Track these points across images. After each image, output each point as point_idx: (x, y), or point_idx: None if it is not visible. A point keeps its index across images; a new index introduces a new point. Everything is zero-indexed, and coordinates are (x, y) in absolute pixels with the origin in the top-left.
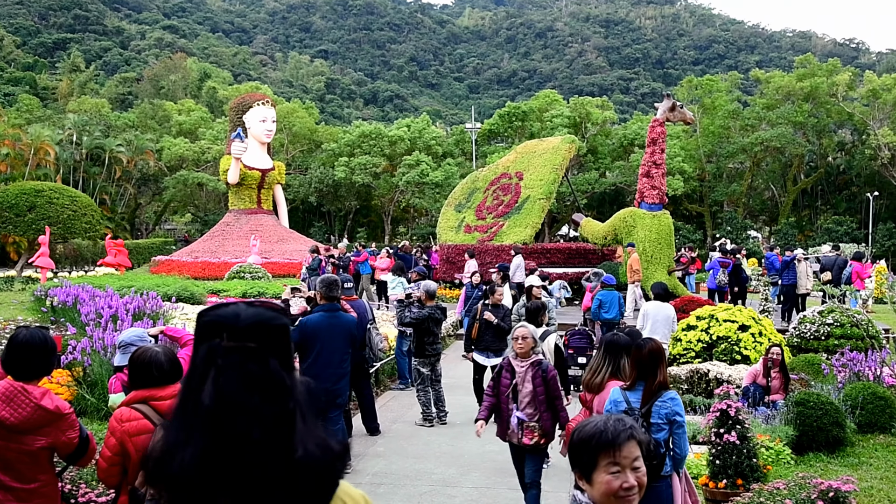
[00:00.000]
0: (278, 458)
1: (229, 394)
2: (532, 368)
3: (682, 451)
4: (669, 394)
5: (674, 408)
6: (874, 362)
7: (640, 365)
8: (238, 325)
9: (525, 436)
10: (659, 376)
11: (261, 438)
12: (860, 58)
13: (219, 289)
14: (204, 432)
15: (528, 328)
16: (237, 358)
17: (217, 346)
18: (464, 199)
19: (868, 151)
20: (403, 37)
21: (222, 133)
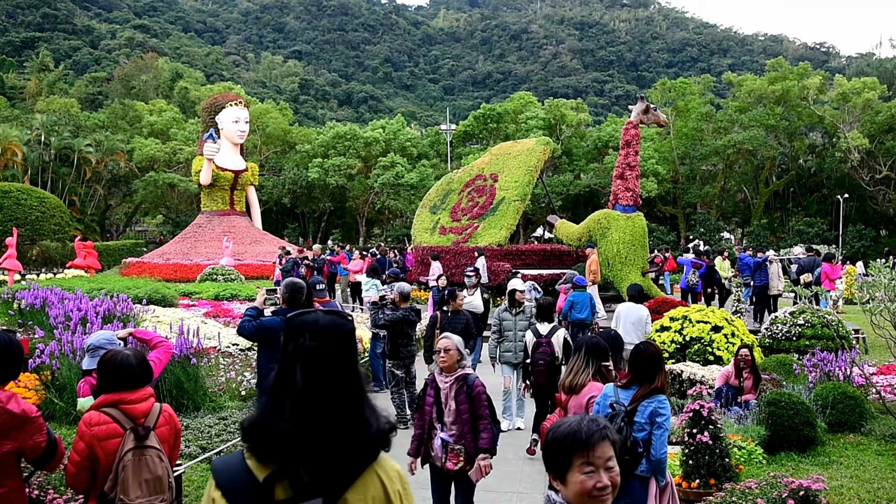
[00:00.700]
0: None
1: (315, 381)
2: (457, 383)
3: (655, 452)
4: (661, 398)
5: (658, 408)
6: (844, 362)
7: (639, 368)
8: (318, 329)
9: (449, 459)
10: (657, 381)
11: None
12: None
13: (191, 291)
14: (296, 410)
15: (451, 339)
16: (318, 355)
17: (302, 344)
18: (438, 201)
19: (838, 154)
20: (378, 38)
21: (194, 134)
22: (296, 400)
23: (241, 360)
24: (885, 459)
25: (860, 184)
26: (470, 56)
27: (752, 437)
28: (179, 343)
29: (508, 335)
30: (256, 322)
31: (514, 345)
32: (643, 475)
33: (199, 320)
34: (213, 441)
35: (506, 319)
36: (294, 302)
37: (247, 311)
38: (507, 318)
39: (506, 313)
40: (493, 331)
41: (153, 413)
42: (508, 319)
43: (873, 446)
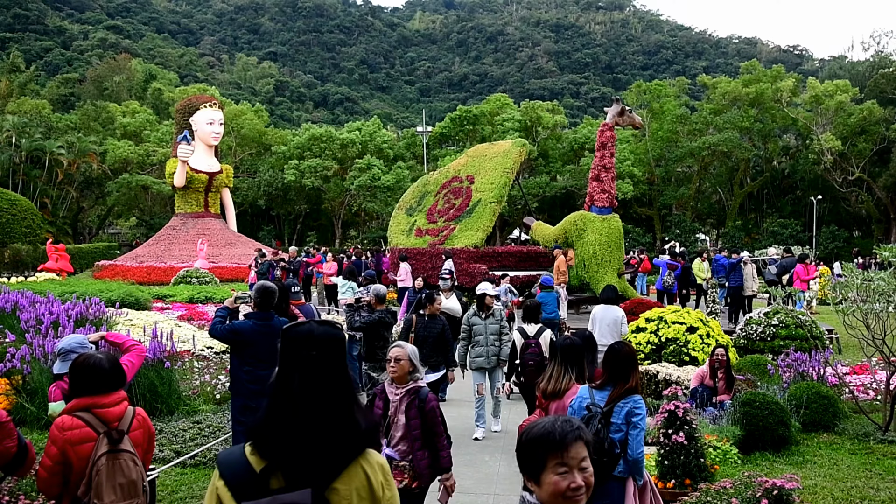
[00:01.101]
0: (343, 430)
1: (310, 386)
2: (408, 397)
3: (632, 453)
4: (635, 398)
5: (634, 409)
6: (818, 362)
7: (613, 367)
8: (313, 339)
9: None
10: (631, 381)
11: (332, 416)
12: (804, 64)
13: (165, 294)
14: (293, 412)
15: (405, 348)
16: (313, 362)
17: (298, 353)
18: (415, 203)
19: (811, 156)
20: (354, 39)
21: (168, 135)
22: (293, 403)
23: (215, 363)
24: (858, 458)
25: (833, 185)
26: (446, 58)
27: (728, 438)
28: (153, 346)
29: (479, 339)
30: (228, 325)
31: (485, 349)
32: (621, 476)
33: (172, 323)
34: (188, 445)
35: (476, 324)
36: (266, 305)
37: (217, 312)
38: (478, 323)
39: (475, 318)
40: (463, 335)
41: (126, 417)
42: (478, 324)
43: (846, 445)
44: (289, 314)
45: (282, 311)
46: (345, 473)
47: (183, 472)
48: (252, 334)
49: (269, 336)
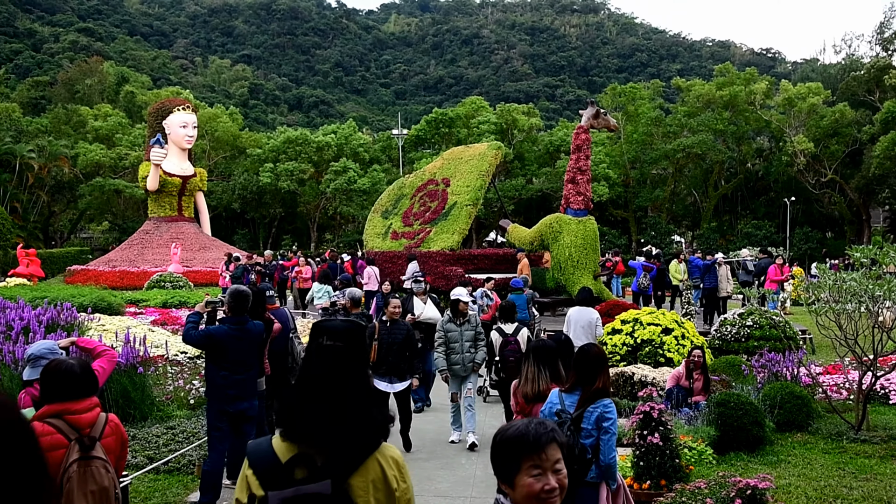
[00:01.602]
0: (359, 420)
1: (329, 371)
2: None
3: (604, 458)
4: (605, 401)
5: (605, 413)
6: (791, 362)
7: (581, 369)
8: (335, 330)
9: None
10: (598, 382)
11: (350, 404)
12: (777, 67)
13: (138, 298)
14: (317, 396)
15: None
16: (334, 352)
17: (320, 343)
18: (390, 206)
19: (785, 158)
20: (328, 42)
21: (140, 139)
22: (316, 386)
23: (189, 368)
24: (832, 457)
25: (806, 187)
26: (421, 61)
27: (703, 438)
28: (125, 352)
29: (455, 347)
30: (203, 330)
31: (461, 357)
32: (593, 481)
33: (146, 328)
34: (161, 451)
35: (451, 330)
36: (240, 309)
37: (189, 318)
38: (453, 329)
39: (450, 324)
40: (439, 343)
41: (99, 423)
42: (454, 330)
43: (820, 445)
44: (264, 319)
45: (257, 315)
46: (362, 466)
47: (156, 479)
48: (227, 339)
49: (244, 340)
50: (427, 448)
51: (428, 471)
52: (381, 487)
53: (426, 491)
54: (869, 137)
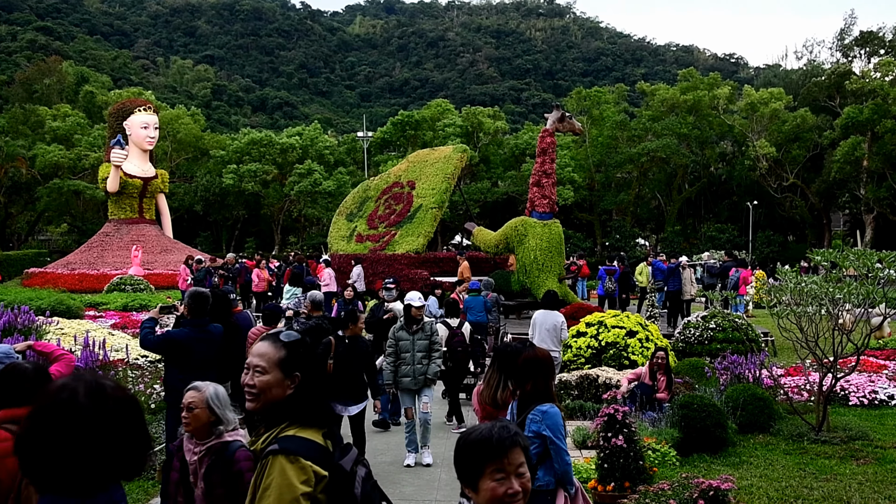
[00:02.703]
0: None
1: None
2: (209, 456)
3: (558, 466)
4: (541, 407)
5: (542, 426)
6: (754, 365)
7: (516, 374)
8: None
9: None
10: (528, 385)
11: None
12: (740, 72)
13: (97, 302)
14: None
15: (202, 391)
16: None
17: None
18: (355, 209)
19: (747, 162)
20: (293, 43)
21: (101, 139)
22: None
23: (150, 372)
24: (793, 458)
25: (768, 191)
26: (387, 63)
27: (666, 440)
28: (84, 356)
29: (406, 357)
30: (162, 334)
31: (411, 368)
32: (545, 488)
33: (105, 332)
34: None
35: (402, 339)
36: (200, 312)
37: (144, 323)
38: (404, 338)
39: (402, 332)
40: (389, 352)
41: None
42: (405, 339)
43: (781, 446)
44: (230, 322)
45: (221, 318)
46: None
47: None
48: (188, 341)
49: (204, 343)
50: (392, 451)
51: (392, 474)
52: None
53: (391, 495)
54: (829, 142)
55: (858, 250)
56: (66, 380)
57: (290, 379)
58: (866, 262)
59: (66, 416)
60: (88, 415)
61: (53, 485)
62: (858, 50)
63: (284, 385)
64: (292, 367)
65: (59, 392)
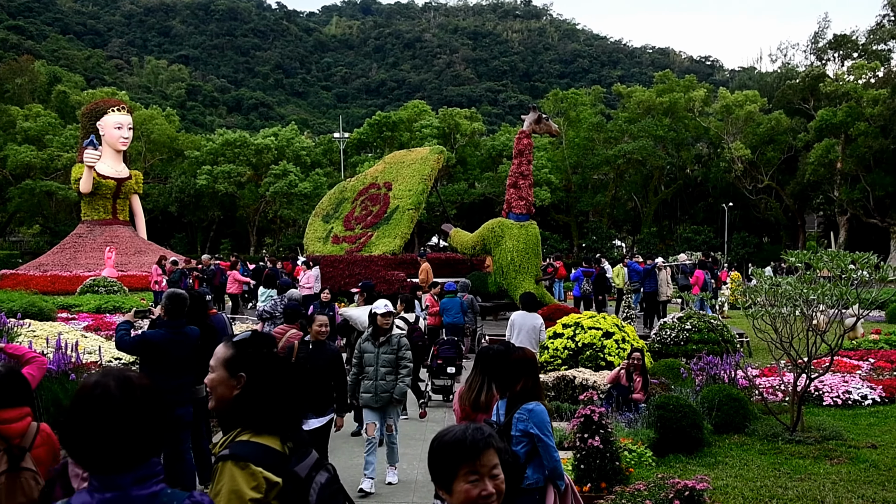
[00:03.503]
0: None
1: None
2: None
3: (547, 463)
4: (528, 406)
5: (529, 424)
6: (729, 365)
7: (502, 374)
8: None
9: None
10: (518, 385)
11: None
12: (715, 75)
13: (70, 304)
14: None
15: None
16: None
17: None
18: (332, 210)
19: (723, 164)
20: (269, 44)
21: (73, 140)
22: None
23: None
24: (768, 458)
25: (744, 193)
26: (363, 64)
27: (642, 440)
28: (57, 358)
29: (369, 371)
30: (138, 335)
31: (373, 384)
32: (534, 486)
33: (78, 334)
34: None
35: (367, 351)
36: (177, 313)
37: (120, 326)
38: (369, 350)
39: (367, 343)
40: (354, 363)
41: (29, 433)
42: (370, 351)
43: (756, 446)
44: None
45: (199, 320)
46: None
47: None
48: (164, 343)
49: (181, 344)
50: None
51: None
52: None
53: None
54: (804, 145)
55: (832, 252)
56: (98, 376)
57: (236, 379)
58: (840, 264)
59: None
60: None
61: (102, 464)
62: (832, 53)
63: (230, 384)
64: (237, 366)
65: (93, 387)
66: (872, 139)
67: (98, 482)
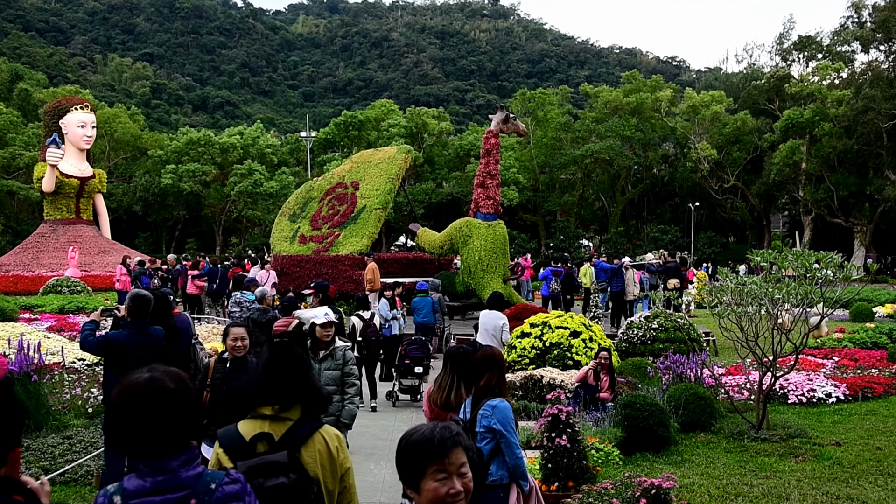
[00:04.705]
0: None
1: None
2: None
3: (509, 460)
4: (492, 402)
5: (492, 420)
6: (695, 364)
7: (471, 372)
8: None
9: None
10: (482, 381)
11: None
12: (682, 75)
13: (33, 304)
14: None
15: None
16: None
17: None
18: (298, 209)
19: (689, 164)
20: (234, 42)
21: (35, 138)
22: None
23: (87, 375)
24: (733, 456)
25: (710, 192)
26: (330, 62)
27: (609, 439)
28: (18, 359)
29: None
30: (102, 336)
31: None
32: (496, 484)
33: (41, 335)
34: (57, 461)
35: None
36: (140, 314)
37: (85, 326)
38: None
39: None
40: None
41: None
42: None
43: (722, 444)
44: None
45: (163, 320)
46: (310, 440)
47: (53, 490)
48: (127, 344)
49: (145, 345)
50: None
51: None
52: (326, 456)
53: None
54: (769, 145)
55: (797, 251)
56: (148, 372)
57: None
58: (804, 263)
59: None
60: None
61: (153, 450)
62: (797, 54)
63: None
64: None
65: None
66: (836, 140)
67: (148, 468)
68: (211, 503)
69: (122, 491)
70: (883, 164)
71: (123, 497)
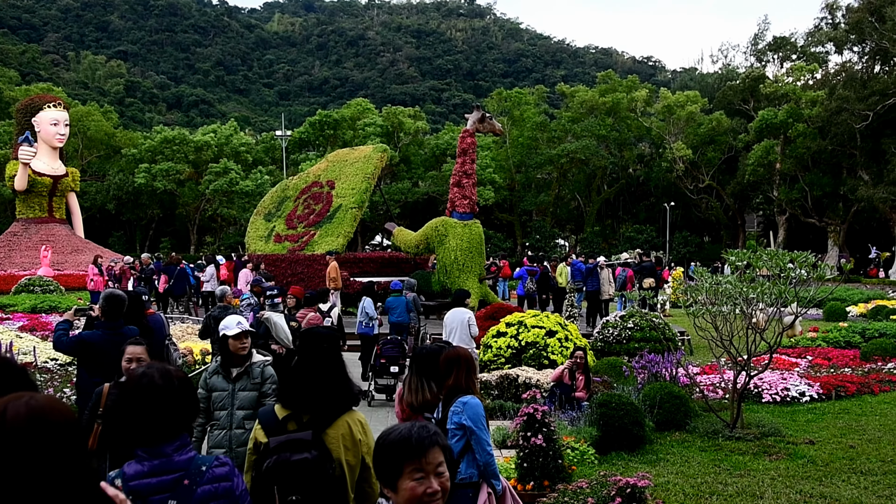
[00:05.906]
0: (339, 394)
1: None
2: None
3: (479, 458)
4: (463, 399)
5: (463, 416)
6: (670, 363)
7: (438, 373)
8: (320, 334)
9: None
10: (450, 380)
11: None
12: (657, 75)
13: (4, 303)
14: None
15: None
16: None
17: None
18: (274, 208)
19: (665, 164)
20: (209, 40)
21: (8, 136)
22: (308, 374)
23: (60, 375)
24: (708, 455)
25: (685, 192)
26: (306, 61)
27: (585, 439)
28: None
29: (220, 418)
30: (75, 336)
31: (227, 435)
32: (466, 482)
33: (13, 335)
34: None
35: (217, 389)
36: (114, 314)
37: (58, 325)
38: (220, 388)
39: (217, 378)
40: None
41: None
42: (221, 389)
43: (697, 443)
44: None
45: (134, 319)
46: (335, 423)
47: None
48: (101, 343)
49: (118, 345)
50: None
51: None
52: (349, 438)
53: None
54: (744, 145)
55: (771, 251)
56: (143, 368)
57: None
58: (779, 263)
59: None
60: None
61: (149, 437)
62: (772, 55)
63: None
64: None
65: (140, 377)
66: (811, 140)
67: (145, 453)
68: (202, 483)
69: (122, 475)
70: (856, 165)
71: (124, 480)
